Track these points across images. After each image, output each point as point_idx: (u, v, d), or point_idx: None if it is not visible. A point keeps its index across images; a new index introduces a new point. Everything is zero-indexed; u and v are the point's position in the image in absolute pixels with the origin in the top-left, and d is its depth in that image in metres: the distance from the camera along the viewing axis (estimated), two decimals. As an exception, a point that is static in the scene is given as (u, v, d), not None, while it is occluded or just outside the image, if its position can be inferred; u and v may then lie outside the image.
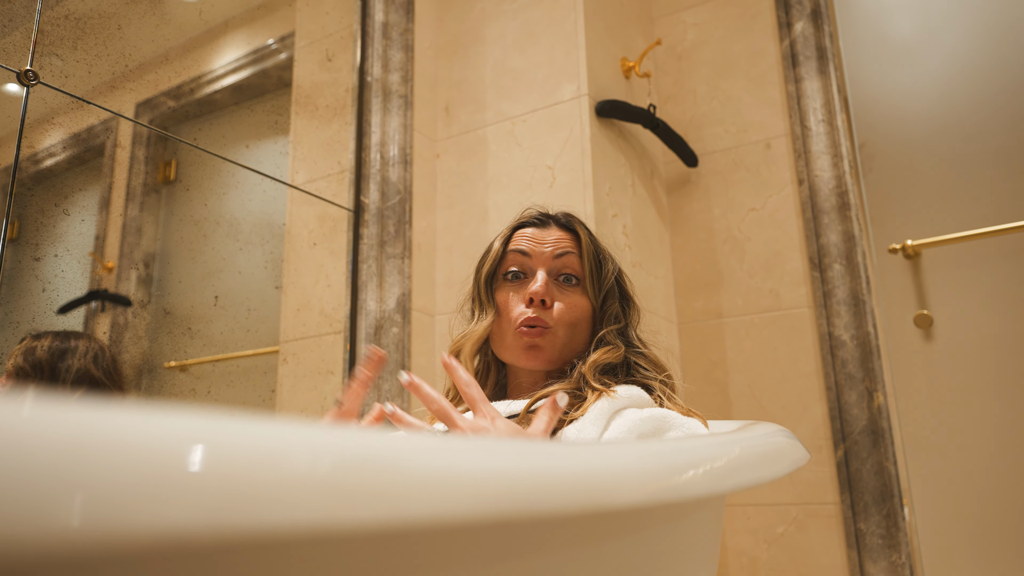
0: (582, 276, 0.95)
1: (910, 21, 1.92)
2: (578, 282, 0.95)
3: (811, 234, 1.83)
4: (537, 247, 0.95)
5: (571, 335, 0.92)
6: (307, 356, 1.59)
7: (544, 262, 0.94)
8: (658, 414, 0.81)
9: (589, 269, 0.94)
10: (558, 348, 0.92)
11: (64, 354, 1.11)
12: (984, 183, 1.75)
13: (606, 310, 0.95)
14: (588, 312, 0.94)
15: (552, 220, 0.99)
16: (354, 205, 1.71)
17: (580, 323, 0.93)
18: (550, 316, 0.91)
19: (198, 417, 0.26)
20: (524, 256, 0.95)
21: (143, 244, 1.40)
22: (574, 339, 0.93)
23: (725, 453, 0.59)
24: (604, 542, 0.54)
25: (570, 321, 0.92)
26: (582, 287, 0.95)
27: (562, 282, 0.94)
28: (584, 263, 0.95)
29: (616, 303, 0.95)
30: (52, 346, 1.11)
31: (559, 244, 0.95)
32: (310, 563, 0.34)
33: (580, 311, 0.93)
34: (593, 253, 0.95)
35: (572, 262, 0.94)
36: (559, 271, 0.94)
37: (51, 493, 0.21)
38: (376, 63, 1.80)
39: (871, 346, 1.71)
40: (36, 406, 0.23)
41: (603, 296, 0.95)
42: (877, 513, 1.63)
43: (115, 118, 1.35)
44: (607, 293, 0.95)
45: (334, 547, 0.35)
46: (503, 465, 0.37)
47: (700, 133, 2.06)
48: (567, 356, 0.93)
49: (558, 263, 0.94)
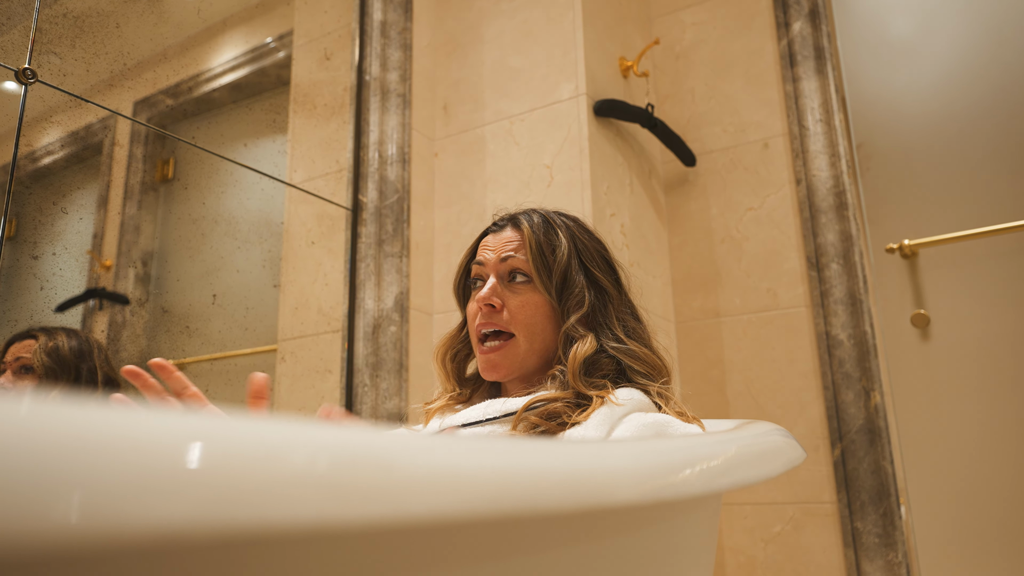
0: (529, 271, 0.92)
1: (908, 21, 1.93)
2: (528, 279, 0.93)
3: (808, 233, 1.83)
4: (489, 254, 0.95)
5: (531, 338, 0.91)
6: (305, 355, 1.59)
7: (493, 267, 0.94)
8: (660, 420, 0.81)
9: (535, 263, 0.91)
10: (520, 357, 0.91)
11: (84, 355, 1.11)
12: (981, 183, 1.76)
13: (567, 300, 0.91)
14: (545, 307, 0.92)
15: (508, 222, 0.98)
16: (352, 204, 1.71)
17: (538, 321, 0.91)
18: (503, 319, 0.91)
19: (196, 415, 0.27)
20: (480, 266, 0.96)
21: (141, 242, 1.40)
22: (536, 341, 0.91)
23: (721, 452, 0.59)
24: (601, 540, 0.54)
25: (526, 321, 0.91)
26: (533, 283, 0.92)
27: (516, 283, 0.93)
28: (529, 257, 0.92)
29: (579, 289, 0.91)
30: (72, 345, 1.11)
31: (505, 246, 0.95)
32: (308, 560, 0.34)
33: (533, 307, 0.91)
34: (537, 244, 0.92)
35: (516, 262, 0.93)
36: (507, 272, 0.94)
37: (50, 489, 0.21)
38: (374, 62, 1.80)
39: (868, 345, 1.71)
40: (35, 404, 0.23)
41: (559, 286, 0.91)
42: (874, 512, 1.64)
43: (113, 116, 1.35)
44: (563, 282, 0.91)
45: (331, 544, 0.35)
46: (499, 463, 0.37)
47: (698, 133, 2.06)
48: (534, 360, 0.92)
49: (504, 266, 0.94)
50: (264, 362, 1.54)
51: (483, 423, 0.87)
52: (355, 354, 1.61)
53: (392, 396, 1.62)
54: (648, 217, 1.94)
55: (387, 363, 1.63)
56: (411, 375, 1.68)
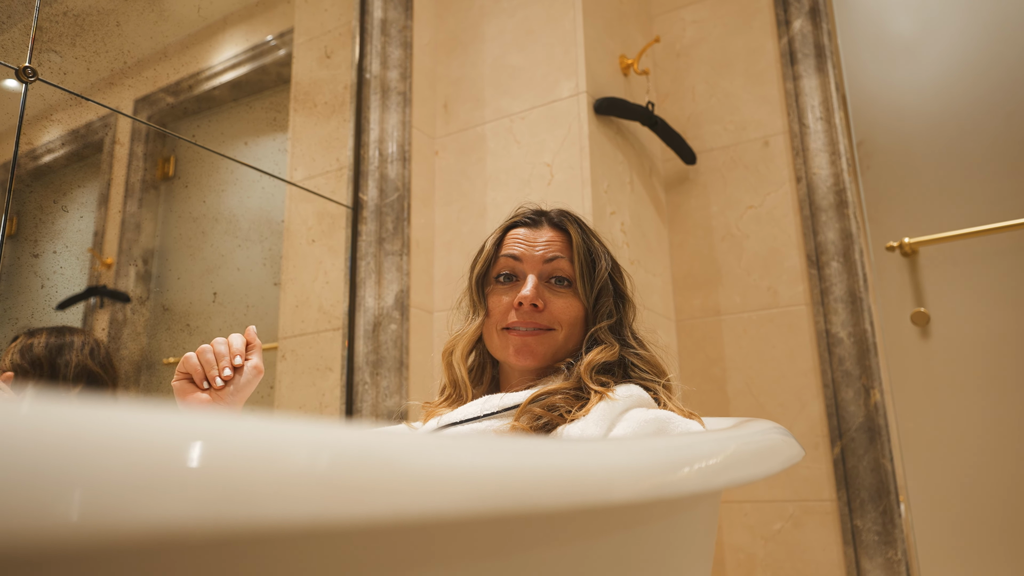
0: (573, 278, 0.94)
1: (908, 19, 1.92)
2: (570, 284, 0.94)
3: (809, 232, 1.83)
4: (528, 250, 0.95)
5: (569, 334, 0.93)
6: (305, 353, 1.59)
7: (535, 266, 0.94)
8: (662, 416, 0.82)
9: (580, 271, 0.94)
10: (555, 348, 0.92)
11: (61, 349, 1.11)
12: (982, 181, 1.76)
13: (599, 309, 0.94)
14: (581, 313, 0.94)
15: (545, 219, 0.98)
16: (353, 202, 1.71)
17: (575, 324, 0.93)
18: (545, 318, 0.92)
19: (197, 413, 0.27)
20: (515, 260, 0.95)
21: (142, 240, 1.40)
22: (571, 340, 0.93)
23: (720, 450, 0.59)
24: (600, 537, 0.55)
25: (568, 321, 0.93)
26: (573, 288, 0.94)
27: (553, 284, 0.94)
28: (575, 265, 0.94)
29: (610, 300, 0.95)
30: (49, 342, 1.10)
31: (550, 247, 0.95)
32: (308, 558, 0.34)
33: (573, 312, 0.93)
34: (585, 254, 0.94)
35: (563, 265, 0.94)
36: (550, 274, 0.94)
37: (51, 488, 0.22)
38: (375, 60, 1.80)
39: (868, 343, 1.71)
40: (36, 403, 0.23)
41: (595, 296, 0.94)
42: (873, 510, 1.64)
43: (114, 114, 1.35)
44: (600, 292, 0.94)
45: (331, 542, 0.35)
46: (498, 461, 0.38)
47: (698, 131, 2.06)
48: (560, 355, 0.93)
49: (548, 267, 0.94)
50: (265, 360, 1.54)
51: (480, 419, 0.87)
52: (355, 352, 1.61)
53: (392, 394, 1.62)
54: (648, 215, 1.94)
55: (387, 361, 1.63)
56: (411, 373, 1.69)
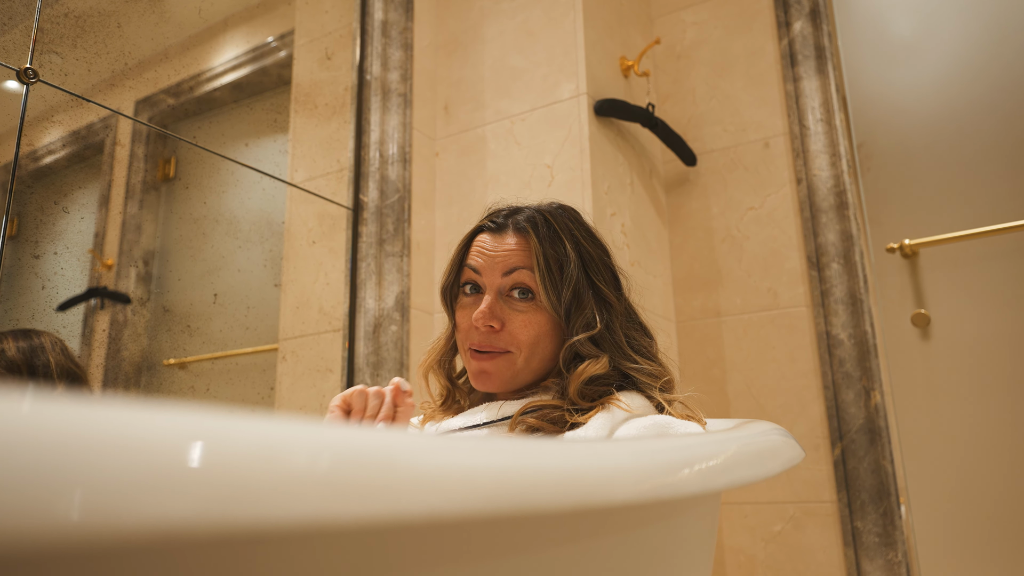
0: (536, 289, 0.85)
1: (909, 20, 1.93)
2: (533, 296, 0.86)
3: (809, 233, 1.83)
4: (487, 262, 0.87)
5: (530, 356, 0.86)
6: (306, 354, 1.59)
7: (493, 279, 0.86)
8: (661, 420, 0.80)
9: (543, 280, 0.84)
10: (515, 370, 0.86)
11: (35, 351, 1.09)
12: (982, 182, 1.76)
13: (574, 319, 0.85)
14: (548, 324, 0.86)
15: (510, 222, 0.89)
16: (353, 203, 1.71)
17: (541, 339, 0.86)
18: (503, 339, 0.85)
19: (197, 414, 0.27)
20: (475, 272, 0.88)
21: (142, 242, 1.40)
22: (534, 359, 0.86)
23: (720, 451, 0.59)
24: (600, 538, 0.55)
25: (528, 341, 0.85)
26: (537, 301, 0.86)
27: (516, 298, 0.86)
28: (536, 274, 0.85)
29: (588, 308, 0.86)
30: (20, 346, 1.09)
31: (508, 259, 0.86)
32: (308, 558, 0.34)
33: (535, 329, 0.85)
34: (545, 261, 0.85)
35: (522, 277, 0.86)
36: (511, 287, 0.86)
37: (51, 487, 0.22)
38: (375, 61, 1.80)
39: (868, 345, 1.71)
40: (36, 402, 0.23)
41: (568, 304, 0.85)
42: (874, 511, 1.64)
43: (114, 116, 1.35)
44: (572, 300, 0.85)
45: (332, 542, 0.35)
46: (499, 462, 0.38)
47: (699, 132, 2.06)
48: (527, 376, 0.87)
49: (508, 280, 0.86)
50: (265, 361, 1.54)
51: (478, 427, 0.85)
52: (356, 353, 1.61)
53: (393, 395, 1.62)
54: (649, 217, 1.94)
55: (388, 362, 1.63)
56: (412, 374, 1.69)
